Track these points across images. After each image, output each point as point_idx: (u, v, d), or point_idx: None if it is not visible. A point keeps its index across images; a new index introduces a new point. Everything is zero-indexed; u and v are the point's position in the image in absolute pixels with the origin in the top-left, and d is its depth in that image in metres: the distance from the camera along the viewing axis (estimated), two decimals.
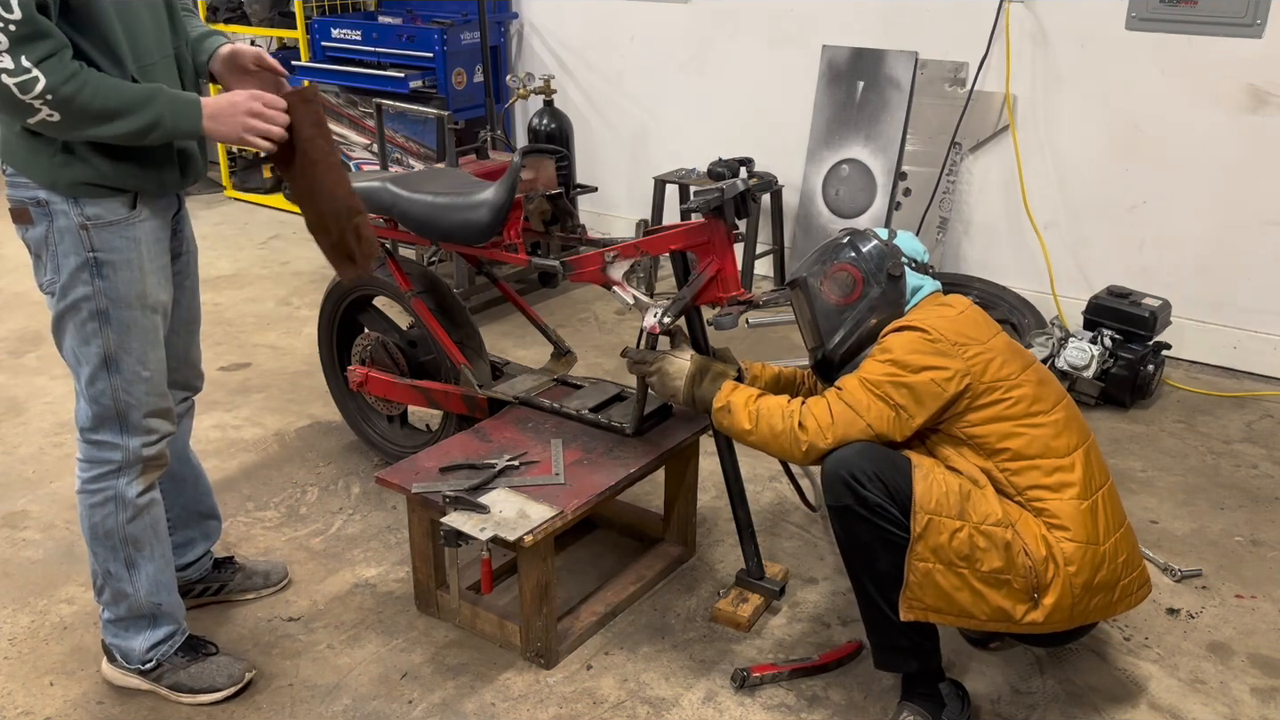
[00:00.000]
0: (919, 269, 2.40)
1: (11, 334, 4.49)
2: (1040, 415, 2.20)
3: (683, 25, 5.18)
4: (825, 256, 2.45)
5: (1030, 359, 2.31)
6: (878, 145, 4.64)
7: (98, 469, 2.25)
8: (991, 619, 2.15)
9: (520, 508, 2.43)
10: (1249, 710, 2.42)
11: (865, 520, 2.15)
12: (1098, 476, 2.23)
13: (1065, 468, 2.18)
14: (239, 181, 6.62)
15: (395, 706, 2.42)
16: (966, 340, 2.20)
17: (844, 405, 2.22)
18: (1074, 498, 2.16)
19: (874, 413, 2.19)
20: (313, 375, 4.01)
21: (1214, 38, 3.92)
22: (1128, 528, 2.27)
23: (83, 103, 1.91)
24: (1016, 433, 2.18)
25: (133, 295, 2.15)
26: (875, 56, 4.63)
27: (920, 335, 2.20)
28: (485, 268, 3.28)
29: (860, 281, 2.37)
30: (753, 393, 2.36)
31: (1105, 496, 2.22)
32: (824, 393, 2.29)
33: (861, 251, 2.39)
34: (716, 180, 2.58)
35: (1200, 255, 4.15)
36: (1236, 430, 3.72)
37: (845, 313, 2.39)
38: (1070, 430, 2.22)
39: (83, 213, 2.07)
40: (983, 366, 2.19)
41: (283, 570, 2.84)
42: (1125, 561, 2.21)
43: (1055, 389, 2.29)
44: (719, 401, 2.38)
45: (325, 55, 5.73)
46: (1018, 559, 2.11)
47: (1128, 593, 2.24)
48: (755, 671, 2.46)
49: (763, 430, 2.29)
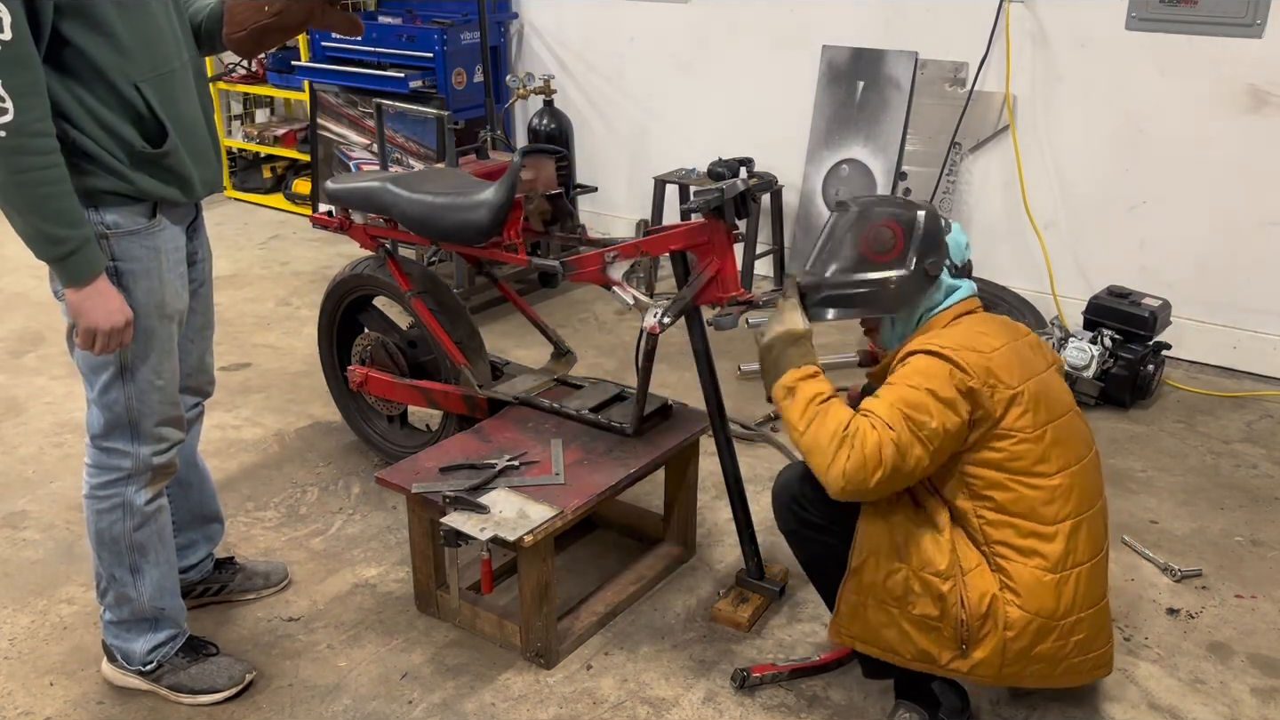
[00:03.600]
0: (959, 273, 2.24)
1: (11, 334, 4.49)
2: (1039, 477, 2.07)
3: (683, 25, 5.17)
4: (889, 204, 2.25)
5: (1061, 410, 2.14)
6: (878, 145, 4.64)
7: (106, 475, 2.25)
8: (916, 659, 2.15)
9: (520, 508, 2.43)
10: (1249, 710, 2.42)
11: (813, 540, 2.19)
12: (1083, 551, 2.11)
13: (1044, 536, 2.07)
14: (239, 181, 6.62)
15: (395, 706, 2.42)
16: (996, 383, 2.05)
17: (894, 449, 2.00)
18: (1040, 568, 2.06)
19: (914, 457, 2.02)
20: (313, 375, 4.01)
21: (1214, 38, 3.92)
22: (1101, 608, 2.17)
23: (29, 165, 1.84)
24: (1007, 486, 2.07)
25: (152, 305, 2.13)
26: (875, 56, 4.63)
27: (949, 368, 2.04)
28: (485, 268, 3.28)
29: (898, 250, 2.18)
30: (823, 390, 2.14)
31: (1085, 573, 2.11)
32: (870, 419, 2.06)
33: (921, 229, 2.19)
34: (716, 180, 2.58)
35: (1200, 255, 4.14)
36: (1236, 430, 3.72)
37: (864, 266, 2.21)
38: (1068, 499, 2.09)
39: (103, 221, 2.04)
40: (1003, 410, 2.06)
41: (283, 571, 2.84)
42: (1081, 642, 2.12)
43: (1072, 451, 2.13)
44: (789, 380, 2.17)
45: (325, 55, 5.73)
46: (951, 609, 2.08)
47: (1074, 670, 2.16)
48: (755, 671, 2.46)
49: (808, 440, 2.09)
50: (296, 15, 2.21)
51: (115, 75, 1.97)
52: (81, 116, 1.96)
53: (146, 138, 2.04)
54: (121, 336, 2.05)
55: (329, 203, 3.22)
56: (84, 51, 1.93)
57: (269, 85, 6.32)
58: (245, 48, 2.24)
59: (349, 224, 3.20)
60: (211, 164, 2.23)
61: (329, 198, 3.16)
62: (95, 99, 1.97)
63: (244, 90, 6.59)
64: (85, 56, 1.93)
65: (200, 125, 2.18)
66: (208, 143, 2.21)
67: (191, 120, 2.15)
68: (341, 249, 5.51)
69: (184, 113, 2.12)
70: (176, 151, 2.09)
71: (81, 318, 2.00)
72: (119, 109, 1.99)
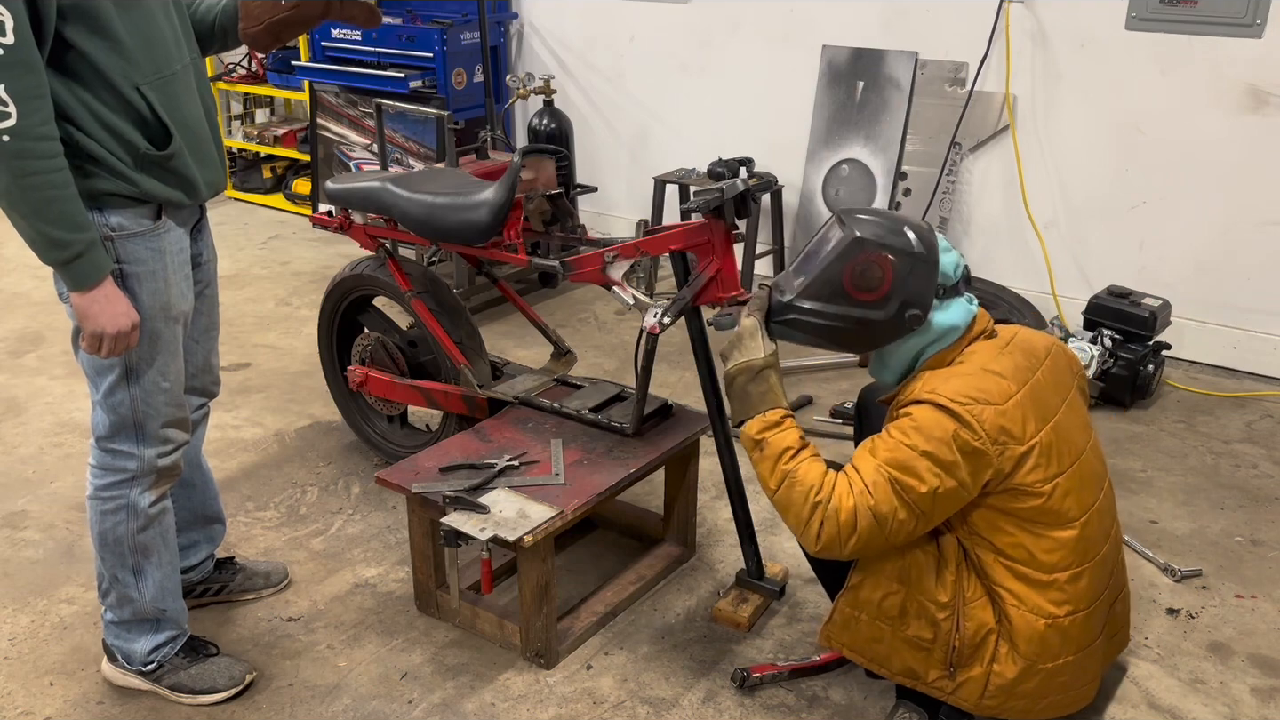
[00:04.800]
0: (948, 293, 2.06)
1: (11, 334, 4.49)
2: (1043, 528, 2.00)
3: (683, 25, 5.17)
4: (889, 233, 2.03)
5: (1074, 453, 2.05)
6: (878, 145, 4.64)
7: (111, 477, 2.24)
8: (902, 674, 2.16)
9: (520, 508, 2.43)
10: (1249, 710, 2.42)
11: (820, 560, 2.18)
12: (1085, 596, 2.06)
13: (1040, 584, 2.01)
14: (239, 181, 6.62)
15: (395, 706, 2.42)
16: (1007, 440, 1.94)
17: (871, 517, 1.94)
18: (1037, 613, 2.02)
19: (896, 522, 1.95)
20: (313, 375, 4.01)
21: (1214, 38, 3.92)
22: (1094, 648, 2.13)
23: (34, 169, 1.84)
24: (1006, 532, 2.01)
25: (157, 307, 2.13)
26: (875, 56, 4.63)
27: (957, 426, 1.91)
28: (485, 268, 3.28)
29: (881, 294, 2.01)
30: (791, 444, 2.03)
31: (1081, 620, 2.06)
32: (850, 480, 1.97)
33: (913, 274, 2.00)
34: (716, 180, 2.58)
35: (1200, 255, 4.14)
36: (1236, 430, 3.72)
37: (841, 299, 2.04)
38: (1072, 550, 2.02)
39: (108, 223, 2.04)
40: (1013, 466, 1.96)
41: (283, 571, 2.84)
42: (1064, 682, 2.10)
43: (1082, 501, 2.04)
44: (754, 431, 2.07)
45: (325, 55, 5.73)
46: (944, 635, 2.07)
47: (1056, 706, 2.14)
48: (755, 671, 2.46)
49: (780, 500, 2.03)
50: (314, 8, 2.20)
51: (118, 78, 1.96)
52: (86, 119, 1.96)
53: (150, 140, 2.04)
54: (128, 340, 2.04)
55: (329, 203, 3.22)
56: (86, 55, 1.93)
57: (269, 85, 6.31)
58: (262, 43, 2.24)
59: (349, 224, 3.20)
60: (215, 166, 2.22)
61: (329, 198, 3.16)
62: (99, 102, 1.96)
63: (244, 90, 6.59)
64: (88, 60, 1.93)
65: (203, 127, 2.18)
66: (211, 145, 2.21)
67: (195, 122, 2.14)
68: (341, 249, 5.51)
69: (187, 115, 2.12)
70: (180, 154, 2.09)
71: (87, 322, 2.00)
72: (122, 112, 1.99)
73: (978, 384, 1.96)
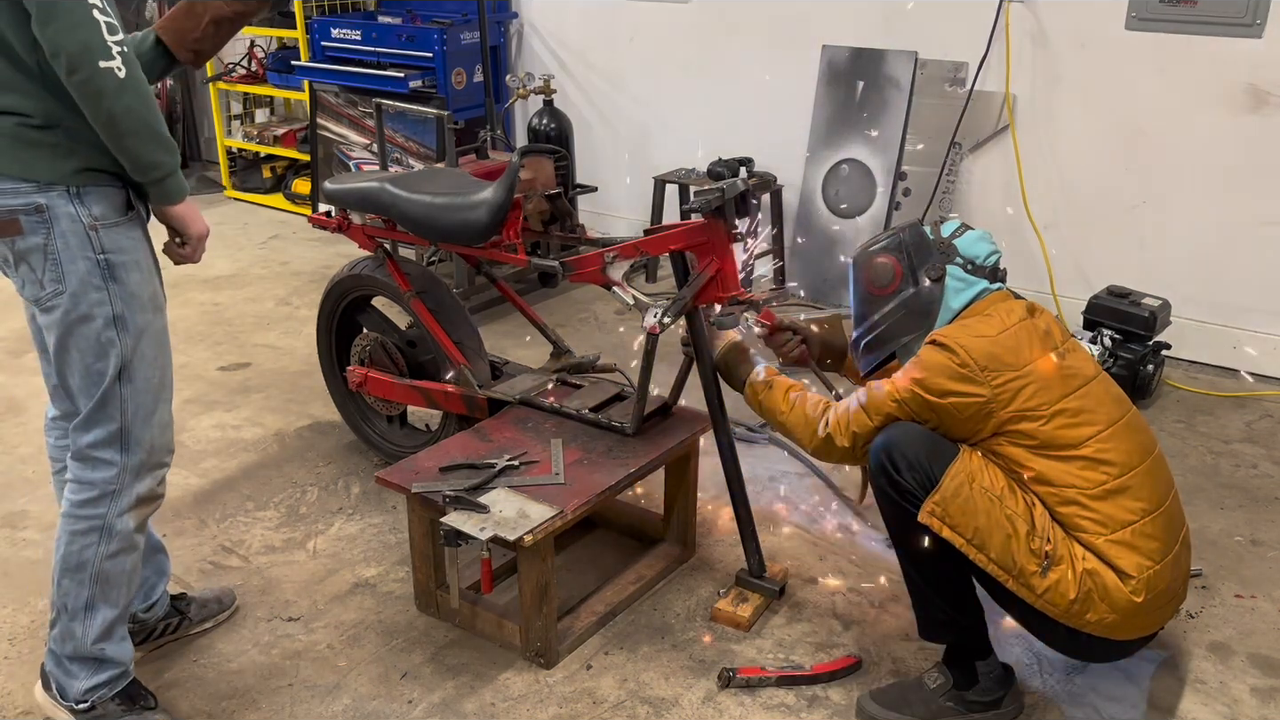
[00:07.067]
0: (975, 271, 2.33)
1: (11, 334, 4.49)
2: (1068, 449, 2.14)
3: (683, 25, 5.18)
4: (880, 240, 2.44)
5: (1080, 380, 2.21)
6: (878, 145, 4.64)
7: (88, 492, 2.16)
8: (998, 561, 2.12)
9: (520, 507, 2.43)
10: (1249, 710, 2.42)
11: (897, 504, 2.19)
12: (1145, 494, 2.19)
13: (1121, 542, 2.13)
14: (239, 181, 6.63)
15: (395, 706, 2.42)
16: (998, 366, 2.14)
17: (861, 410, 2.27)
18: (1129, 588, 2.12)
19: (886, 410, 2.24)
20: (313, 375, 4.01)
21: (1214, 38, 3.92)
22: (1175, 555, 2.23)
23: (149, 94, 2.03)
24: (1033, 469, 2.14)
25: (146, 296, 2.14)
26: (875, 56, 4.63)
27: (948, 356, 2.16)
28: (485, 268, 3.29)
29: (899, 276, 2.35)
30: (798, 385, 2.48)
31: (1172, 561, 2.21)
32: (854, 394, 2.34)
33: (908, 245, 2.36)
34: (716, 180, 2.58)
35: (1200, 255, 4.14)
36: (1236, 430, 3.72)
37: (878, 303, 2.39)
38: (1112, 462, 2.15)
39: (90, 212, 2.05)
40: (1010, 395, 2.13)
41: (232, 594, 2.75)
42: (1157, 612, 2.22)
43: (1109, 414, 2.20)
44: (763, 377, 2.50)
45: (325, 55, 5.73)
46: (1040, 529, 2.12)
47: (1143, 624, 2.22)
48: (741, 673, 2.45)
49: (795, 417, 2.40)
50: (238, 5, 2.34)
51: None
52: (66, 98, 1.98)
53: None
54: (202, 248, 2.26)
55: (328, 203, 3.22)
56: None
57: (269, 85, 6.32)
58: (202, 59, 2.39)
59: (348, 224, 3.20)
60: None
61: (328, 198, 3.16)
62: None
63: (244, 90, 6.59)
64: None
65: None
66: None
67: None
68: (341, 249, 5.51)
69: None
70: None
71: (194, 223, 2.20)
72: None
73: (972, 326, 2.23)
